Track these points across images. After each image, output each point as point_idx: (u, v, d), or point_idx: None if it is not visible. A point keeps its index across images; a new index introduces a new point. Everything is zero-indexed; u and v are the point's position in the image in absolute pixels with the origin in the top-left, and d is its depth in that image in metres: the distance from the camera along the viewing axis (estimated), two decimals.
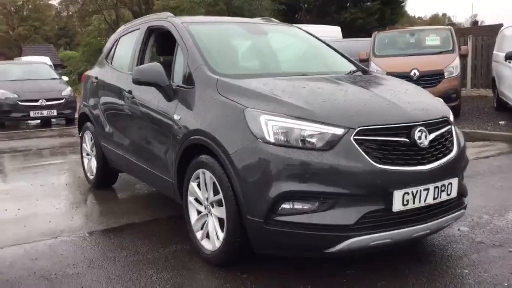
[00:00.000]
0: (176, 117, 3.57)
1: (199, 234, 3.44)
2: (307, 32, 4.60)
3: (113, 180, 5.53)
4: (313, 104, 2.97)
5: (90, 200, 5.20)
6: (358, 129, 2.80)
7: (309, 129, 2.82)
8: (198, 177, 3.38)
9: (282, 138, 2.83)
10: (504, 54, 9.69)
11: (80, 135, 5.81)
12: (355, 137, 2.79)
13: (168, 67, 3.87)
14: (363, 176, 2.76)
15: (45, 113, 12.23)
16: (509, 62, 9.34)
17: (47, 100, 12.20)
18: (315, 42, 4.53)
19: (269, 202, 2.81)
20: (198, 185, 3.40)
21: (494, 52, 11.67)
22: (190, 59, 3.66)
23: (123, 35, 5.23)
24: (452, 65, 10.14)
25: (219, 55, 3.81)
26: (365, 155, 2.76)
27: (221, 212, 3.17)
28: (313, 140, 2.80)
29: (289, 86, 3.27)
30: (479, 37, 14.79)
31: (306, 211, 2.80)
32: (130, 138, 4.42)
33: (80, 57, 35.28)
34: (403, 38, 11.61)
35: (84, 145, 5.69)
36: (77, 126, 5.99)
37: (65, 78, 14.38)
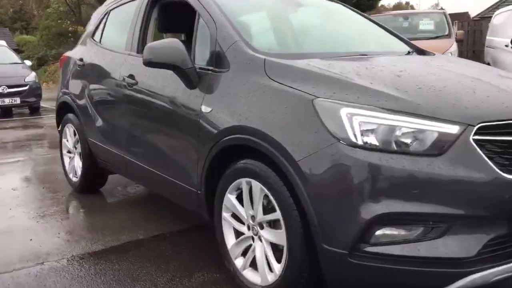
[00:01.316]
0: (204, 109, 2.73)
1: (239, 262, 2.64)
2: (350, 8, 3.82)
3: (101, 183, 4.63)
4: (409, 93, 2.20)
5: (76, 209, 4.30)
6: (479, 126, 2.05)
7: (412, 126, 2.05)
8: (239, 188, 2.58)
9: (375, 139, 2.06)
10: (501, 40, 9.33)
11: (59, 129, 4.87)
12: (474, 137, 2.04)
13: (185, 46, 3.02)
14: (487, 190, 2.02)
15: (7, 101, 11.02)
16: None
17: (9, 87, 10.98)
18: (362, 18, 3.75)
19: (359, 228, 2.05)
20: (239, 199, 2.60)
21: (487, 37, 11.24)
22: (221, 35, 2.82)
23: (113, 8, 4.31)
24: (450, 50, 9.61)
25: (258, 29, 2.99)
26: (489, 162, 2.02)
27: (277, 236, 2.38)
28: (419, 142, 2.04)
29: (362, 68, 2.49)
30: (465, 22, 14.41)
31: (409, 240, 2.05)
32: (132, 134, 3.54)
33: (39, 41, 33.28)
34: (396, 23, 10.99)
35: (64, 140, 4.76)
36: (43, 116, 5.00)
37: (28, 63, 13.07)
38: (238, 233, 2.66)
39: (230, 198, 2.63)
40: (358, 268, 2.08)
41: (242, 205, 2.58)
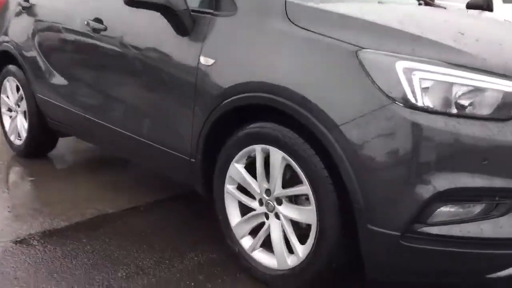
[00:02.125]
0: (204, 61, 2.26)
1: (246, 242, 2.26)
2: None
3: (50, 147, 4.00)
4: (469, 46, 1.87)
5: (24, 178, 3.68)
6: None
7: (483, 86, 1.72)
8: (249, 157, 2.17)
9: (439, 100, 1.72)
10: None
11: None
12: None
13: None
14: None
15: None
16: None
17: None
18: None
19: (417, 206, 1.72)
20: (248, 169, 2.19)
21: None
22: None
23: None
24: None
25: None
26: None
27: (303, 214, 2.02)
28: (490, 104, 1.72)
29: (400, 15, 2.12)
30: None
31: (470, 219, 1.75)
32: (100, 91, 2.97)
33: None
34: None
35: (3, 97, 4.05)
36: None
37: None
38: (245, 209, 2.27)
39: (238, 168, 2.21)
40: (410, 252, 1.77)
41: (254, 177, 2.17)
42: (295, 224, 2.08)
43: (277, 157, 2.03)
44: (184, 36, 2.37)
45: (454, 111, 1.71)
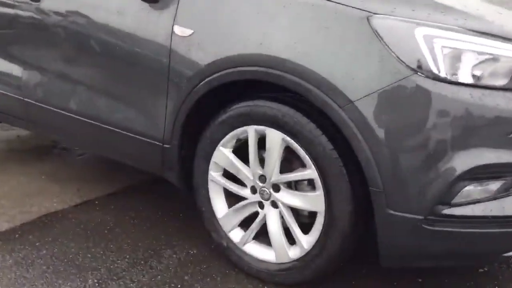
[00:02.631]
0: (180, 31, 1.97)
1: (236, 235, 2.03)
2: None
3: None
4: (490, 14, 1.74)
5: None
6: None
7: (506, 54, 1.60)
8: (238, 140, 1.93)
9: (463, 70, 1.57)
10: None
11: None
12: None
13: None
14: None
15: None
16: None
17: None
18: None
19: (443, 186, 1.58)
20: (236, 153, 1.95)
21: None
22: None
23: None
24: None
25: None
26: None
27: (307, 201, 1.82)
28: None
29: None
30: None
31: (493, 197, 1.64)
32: (44, 70, 2.55)
33: None
34: None
35: None
36: None
37: None
38: (233, 199, 2.03)
39: (225, 152, 1.97)
40: (431, 236, 1.64)
41: (245, 162, 1.94)
42: (294, 213, 1.88)
43: (275, 139, 1.81)
44: (151, 2, 2.05)
45: (479, 82, 1.57)
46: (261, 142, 1.88)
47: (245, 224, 2.02)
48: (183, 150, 2.10)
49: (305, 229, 1.86)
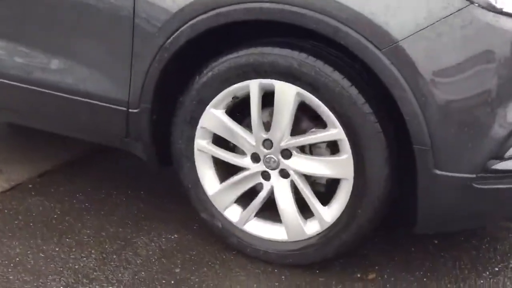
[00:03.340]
0: None
1: (233, 214, 1.69)
2: None
3: None
4: None
5: None
6: None
7: None
8: (234, 98, 1.57)
9: None
10: None
11: None
12: None
13: None
14: None
15: None
16: None
17: None
18: None
19: (499, 140, 1.37)
20: (233, 115, 1.60)
21: None
22: None
23: None
24: None
25: None
26: None
27: (329, 167, 1.52)
28: None
29: None
30: None
31: None
32: None
33: None
34: None
35: None
36: None
37: None
38: (226, 171, 1.68)
39: (217, 115, 1.59)
40: (481, 195, 1.43)
41: (243, 125, 1.59)
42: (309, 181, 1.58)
43: (288, 94, 1.48)
44: None
45: None
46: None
47: (242, 199, 1.68)
48: (155, 115, 1.68)
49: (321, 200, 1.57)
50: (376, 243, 1.76)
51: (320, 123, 1.55)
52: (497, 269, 1.68)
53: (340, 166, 1.49)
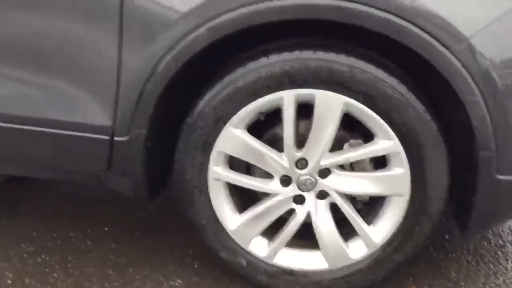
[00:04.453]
0: None
1: (259, 247, 1.43)
2: None
3: None
4: None
5: None
6: None
7: None
8: (255, 115, 1.30)
9: None
10: None
11: None
12: None
13: None
14: None
15: None
16: None
17: None
18: None
19: None
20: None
21: None
22: None
23: None
24: None
25: None
26: None
27: (380, 183, 1.34)
28: None
29: None
30: None
31: None
32: None
33: None
34: None
35: None
36: None
37: None
38: (245, 199, 1.41)
39: (239, 135, 1.31)
40: None
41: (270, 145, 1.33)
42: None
43: (333, 105, 1.25)
44: None
45: None
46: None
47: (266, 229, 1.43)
48: (150, 142, 1.34)
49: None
50: None
51: (354, 133, 1.36)
52: None
53: (394, 182, 1.32)
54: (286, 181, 1.35)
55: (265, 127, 1.39)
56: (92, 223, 1.76)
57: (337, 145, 1.33)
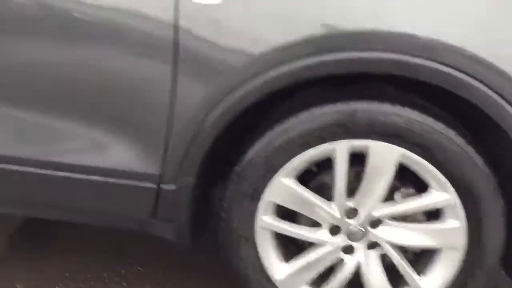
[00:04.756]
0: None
1: None
2: None
3: None
4: None
5: None
6: None
7: None
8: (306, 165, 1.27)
9: None
10: None
11: None
12: None
13: None
14: None
15: None
16: None
17: None
18: None
19: None
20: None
21: None
22: None
23: None
24: None
25: None
26: None
27: (434, 236, 1.30)
28: None
29: None
30: None
31: None
32: None
33: None
34: None
35: None
36: None
37: None
38: (290, 249, 1.38)
39: (288, 185, 1.27)
40: None
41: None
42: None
43: (388, 156, 1.22)
44: None
45: None
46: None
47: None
48: (198, 190, 1.32)
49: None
50: None
51: (404, 181, 1.33)
52: None
53: (448, 235, 1.28)
54: (334, 230, 1.32)
55: (311, 174, 1.36)
56: (126, 263, 1.73)
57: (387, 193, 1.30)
